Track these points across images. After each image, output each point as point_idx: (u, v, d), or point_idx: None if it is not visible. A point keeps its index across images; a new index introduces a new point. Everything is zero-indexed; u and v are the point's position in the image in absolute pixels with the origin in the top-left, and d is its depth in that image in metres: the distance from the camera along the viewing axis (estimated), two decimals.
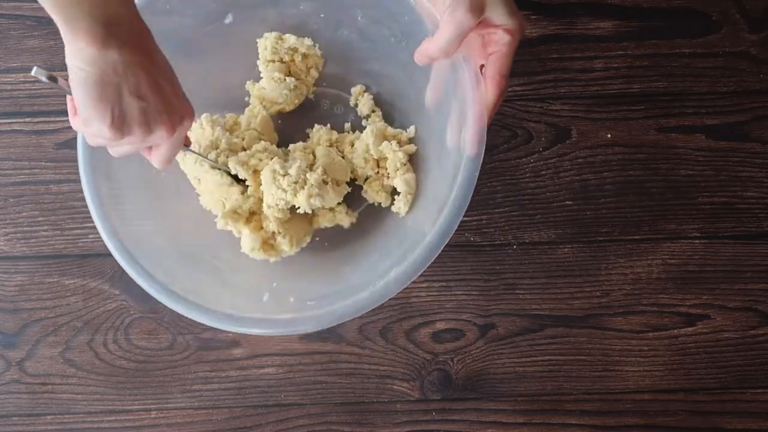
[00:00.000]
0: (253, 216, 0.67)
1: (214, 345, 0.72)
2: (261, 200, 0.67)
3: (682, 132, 0.74)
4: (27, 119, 0.74)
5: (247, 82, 0.71)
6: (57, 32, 0.74)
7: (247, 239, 0.66)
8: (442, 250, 0.72)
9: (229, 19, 0.67)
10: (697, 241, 0.73)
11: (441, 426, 0.72)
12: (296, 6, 0.68)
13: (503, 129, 0.74)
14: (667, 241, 0.73)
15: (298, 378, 0.72)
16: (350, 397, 0.72)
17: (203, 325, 0.72)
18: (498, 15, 0.56)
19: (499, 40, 0.57)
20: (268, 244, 0.66)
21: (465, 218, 0.72)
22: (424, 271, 0.72)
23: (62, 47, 0.77)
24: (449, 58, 0.58)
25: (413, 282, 0.72)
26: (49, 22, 0.74)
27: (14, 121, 0.74)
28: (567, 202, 0.73)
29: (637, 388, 0.73)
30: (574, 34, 0.74)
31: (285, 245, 0.66)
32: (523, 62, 0.74)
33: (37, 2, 0.74)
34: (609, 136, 0.74)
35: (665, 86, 0.74)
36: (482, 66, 0.59)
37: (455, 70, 0.58)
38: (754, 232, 0.73)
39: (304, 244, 0.68)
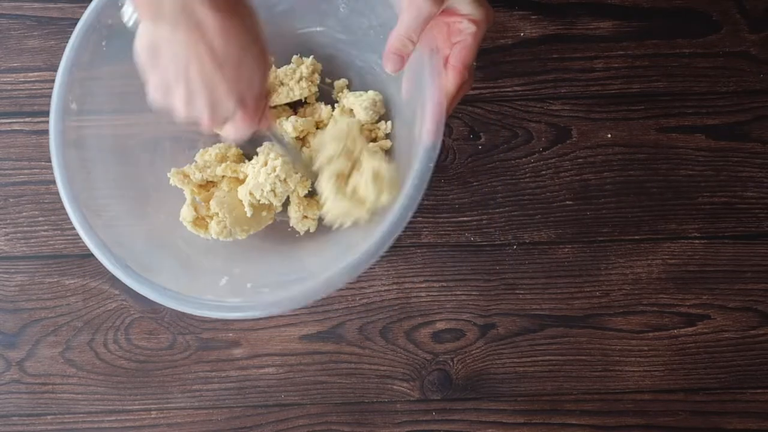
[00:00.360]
0: (209, 185, 0.67)
1: (214, 345, 0.72)
2: (233, 178, 0.67)
3: (682, 132, 0.74)
4: (27, 119, 0.74)
5: None
6: (57, 32, 0.75)
7: (187, 208, 0.66)
8: (442, 251, 0.73)
9: None
10: (697, 241, 0.73)
11: (441, 426, 0.72)
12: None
13: (503, 129, 0.74)
14: (667, 241, 0.73)
15: (298, 378, 0.72)
16: (350, 397, 0.72)
17: (204, 324, 0.72)
18: (463, 4, 0.55)
19: (464, 30, 0.56)
20: (202, 219, 0.66)
21: (465, 218, 0.73)
22: (424, 271, 0.73)
23: (62, 47, 0.77)
24: (415, 49, 0.55)
25: (413, 282, 0.72)
26: (49, 22, 0.74)
27: (14, 121, 0.74)
28: (567, 202, 0.73)
29: (637, 388, 0.73)
30: (574, 34, 0.74)
31: (214, 229, 0.65)
32: (523, 62, 0.74)
33: (37, 2, 0.74)
34: (609, 136, 0.74)
35: (665, 86, 0.74)
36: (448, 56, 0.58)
37: (423, 63, 0.56)
38: (754, 232, 0.73)
39: (240, 237, 0.67)
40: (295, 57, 0.70)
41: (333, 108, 0.70)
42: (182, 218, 0.66)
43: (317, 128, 0.70)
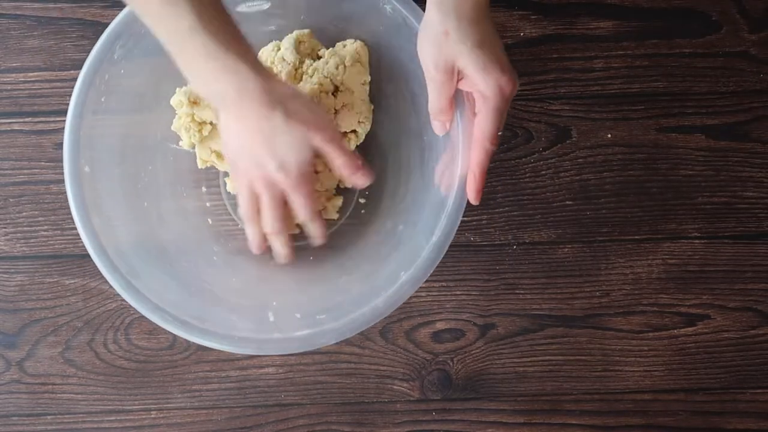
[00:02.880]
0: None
1: None
2: None
3: (682, 132, 0.74)
4: (27, 119, 0.74)
5: None
6: (57, 32, 0.75)
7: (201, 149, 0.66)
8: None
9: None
10: (697, 241, 0.73)
11: (441, 426, 0.72)
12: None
13: (503, 129, 0.73)
14: (667, 241, 0.73)
15: (298, 378, 0.72)
16: (350, 397, 0.72)
17: None
18: (476, 74, 0.54)
19: (477, 101, 0.56)
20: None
21: (465, 218, 0.73)
22: None
23: (62, 47, 0.77)
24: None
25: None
26: (49, 22, 0.74)
27: (14, 121, 0.74)
28: (567, 202, 0.73)
29: (637, 388, 0.73)
30: (574, 34, 0.74)
31: None
32: (523, 62, 0.74)
33: (37, 2, 0.74)
34: (609, 136, 0.74)
35: (665, 86, 0.74)
36: None
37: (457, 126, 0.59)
38: (754, 232, 0.73)
39: None
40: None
41: None
42: (208, 161, 0.66)
43: None
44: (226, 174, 0.70)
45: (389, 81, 0.67)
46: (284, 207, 0.60)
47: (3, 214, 0.73)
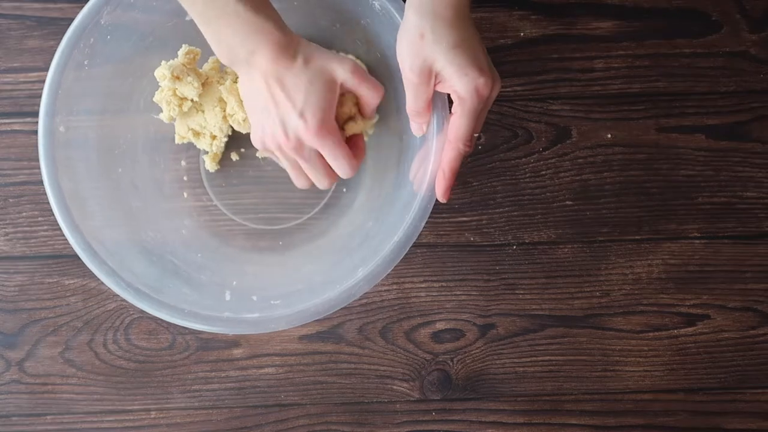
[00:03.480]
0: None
1: (214, 345, 0.72)
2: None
3: (682, 132, 0.74)
4: (27, 119, 0.74)
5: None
6: (57, 32, 0.75)
7: (180, 124, 0.66)
8: (442, 251, 0.73)
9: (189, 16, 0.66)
10: (697, 241, 0.73)
11: (441, 426, 0.72)
12: None
13: (503, 129, 0.74)
14: (667, 241, 0.73)
15: (298, 378, 0.72)
16: (350, 397, 0.72)
17: None
18: (453, 76, 0.54)
19: (455, 103, 0.55)
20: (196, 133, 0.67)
21: (465, 218, 0.73)
22: (424, 271, 0.72)
23: None
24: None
25: (413, 282, 0.72)
26: (49, 22, 0.74)
27: (14, 121, 0.74)
28: (567, 202, 0.73)
29: (637, 388, 0.73)
30: (574, 34, 0.74)
31: (232, 126, 0.65)
32: (523, 62, 0.74)
33: (37, 2, 0.74)
34: (609, 136, 0.74)
35: (665, 86, 0.74)
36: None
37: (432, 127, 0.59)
38: (754, 232, 0.73)
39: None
40: None
41: None
42: (180, 134, 0.66)
43: None
44: (205, 152, 0.71)
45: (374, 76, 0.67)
46: (318, 159, 0.60)
47: (3, 214, 0.73)
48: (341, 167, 0.60)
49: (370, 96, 0.60)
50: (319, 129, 0.57)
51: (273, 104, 0.57)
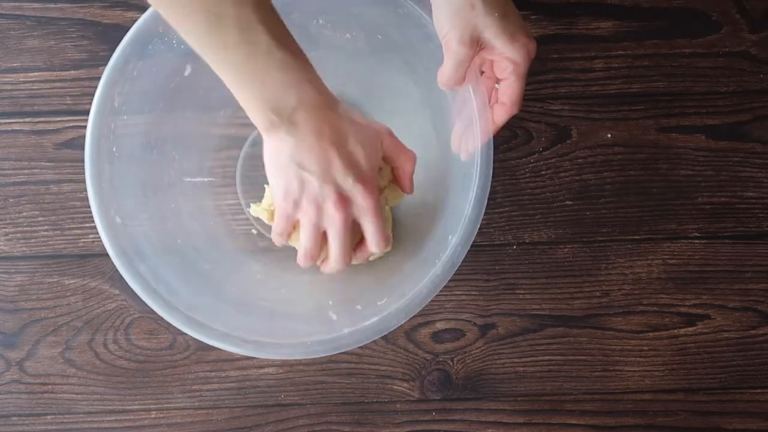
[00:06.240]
0: None
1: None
2: None
3: (682, 132, 0.74)
4: (27, 119, 0.74)
5: None
6: (57, 32, 0.75)
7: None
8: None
9: (188, 71, 0.65)
10: (697, 241, 0.73)
11: (441, 426, 0.72)
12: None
13: (503, 129, 0.73)
14: (667, 241, 0.73)
15: (298, 378, 0.72)
16: (350, 397, 0.72)
17: None
18: (499, 42, 0.56)
19: (505, 69, 0.57)
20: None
21: None
22: None
23: (62, 47, 0.77)
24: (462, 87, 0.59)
25: None
26: (49, 22, 0.74)
27: (14, 121, 0.74)
28: (567, 202, 0.73)
29: (637, 388, 0.73)
30: (574, 34, 0.74)
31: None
32: None
33: (37, 2, 0.74)
34: (609, 136, 0.74)
35: (665, 86, 0.74)
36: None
37: (466, 101, 0.59)
38: (754, 232, 0.73)
39: None
40: None
41: None
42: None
43: None
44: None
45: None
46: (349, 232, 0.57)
47: (3, 214, 0.73)
48: (377, 236, 0.57)
49: (407, 165, 0.59)
50: (373, 185, 0.55)
51: (324, 157, 0.53)
